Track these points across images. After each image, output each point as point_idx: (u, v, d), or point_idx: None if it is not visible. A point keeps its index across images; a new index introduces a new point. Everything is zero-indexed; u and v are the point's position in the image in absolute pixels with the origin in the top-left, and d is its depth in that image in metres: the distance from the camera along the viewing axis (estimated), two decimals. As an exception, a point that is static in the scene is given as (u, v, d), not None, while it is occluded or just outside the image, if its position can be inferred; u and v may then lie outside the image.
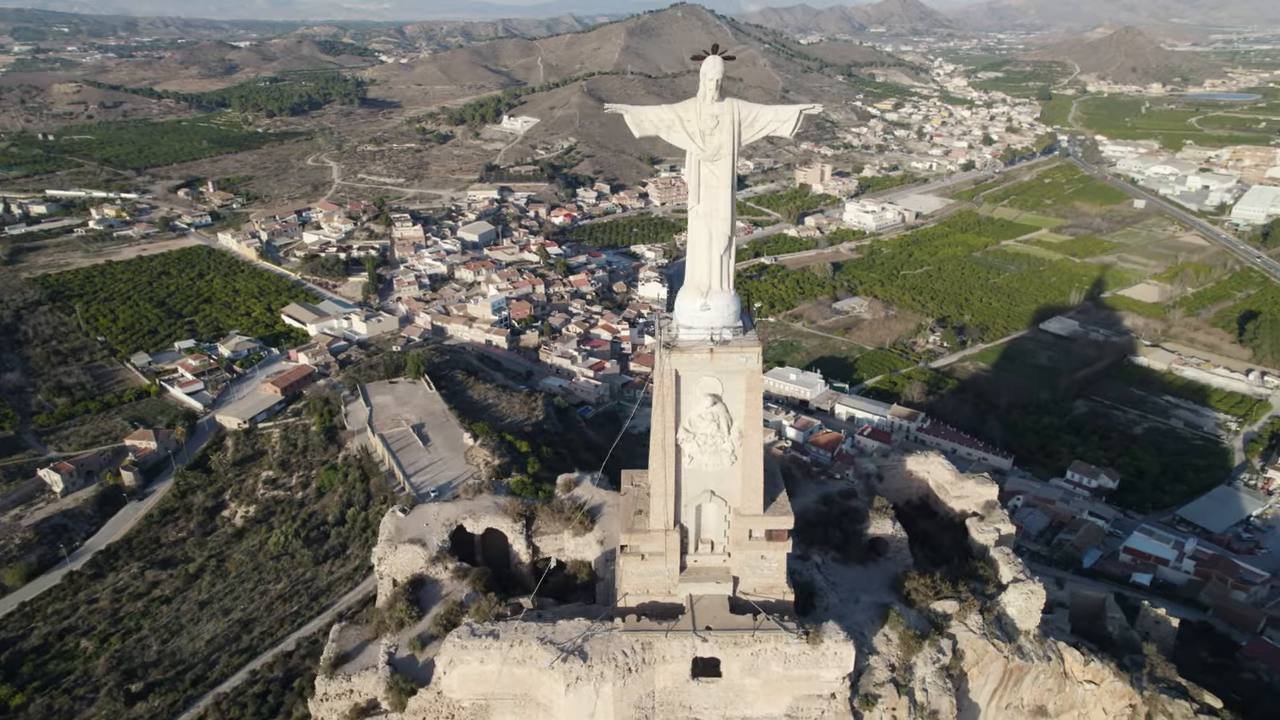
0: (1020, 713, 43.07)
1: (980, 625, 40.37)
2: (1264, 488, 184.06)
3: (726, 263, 33.98)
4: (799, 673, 34.18)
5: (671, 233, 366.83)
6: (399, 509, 46.70)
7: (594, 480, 51.03)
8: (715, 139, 31.94)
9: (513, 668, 33.34)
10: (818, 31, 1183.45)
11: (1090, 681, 45.29)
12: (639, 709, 33.83)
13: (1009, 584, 43.25)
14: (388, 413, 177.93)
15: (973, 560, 46.12)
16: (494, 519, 45.95)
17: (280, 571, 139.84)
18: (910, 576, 41.85)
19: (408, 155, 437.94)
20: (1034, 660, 41.79)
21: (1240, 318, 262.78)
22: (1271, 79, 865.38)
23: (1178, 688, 63.98)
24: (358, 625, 42.86)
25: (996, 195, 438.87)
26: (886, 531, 45.21)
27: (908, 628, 38.81)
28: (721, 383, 33.33)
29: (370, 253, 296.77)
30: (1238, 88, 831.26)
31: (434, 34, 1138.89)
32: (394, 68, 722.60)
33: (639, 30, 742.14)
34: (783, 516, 35.20)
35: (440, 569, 42.58)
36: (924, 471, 53.69)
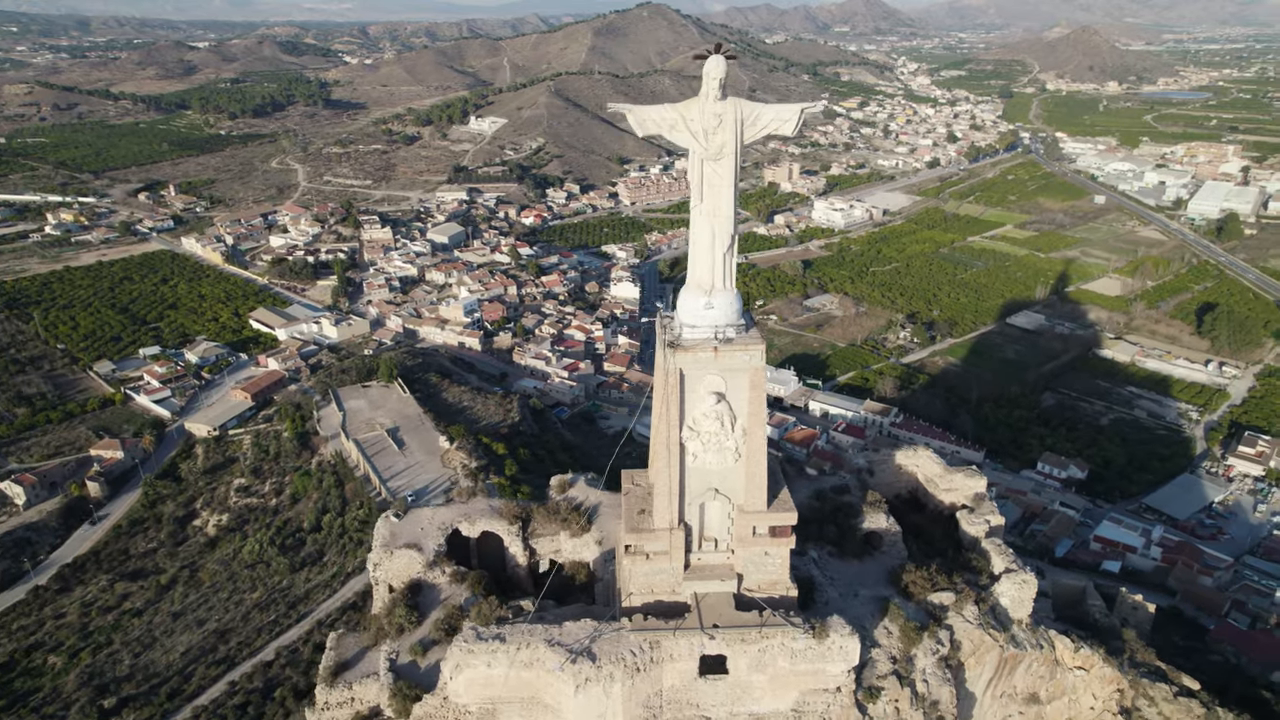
0: (1014, 701, 43.77)
1: (976, 616, 40.99)
2: (1224, 475, 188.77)
3: (729, 261, 34.08)
4: (805, 667, 34.40)
5: (642, 232, 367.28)
6: (393, 514, 46.15)
7: (588, 481, 50.89)
8: (718, 138, 32.00)
9: (520, 671, 33.15)
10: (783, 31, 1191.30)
11: (1080, 668, 46.18)
12: (647, 708, 33.82)
13: (1001, 574, 43.94)
14: (361, 417, 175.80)
15: (964, 552, 46.77)
16: (490, 522, 45.63)
17: (256, 580, 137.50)
18: (908, 569, 42.34)
19: (374, 157, 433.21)
20: (1027, 649, 42.52)
21: (1198, 310, 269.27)
22: (1221, 78, 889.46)
23: (1157, 671, 65.54)
24: (355, 632, 42.31)
25: (962, 192, 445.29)
26: (881, 525, 45.66)
27: (908, 620, 39.28)
28: (725, 381, 33.42)
29: (339, 255, 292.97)
30: (1189, 86, 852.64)
31: (398, 34, 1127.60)
32: (358, 69, 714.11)
33: (605, 30, 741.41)
34: (786, 513, 35.40)
35: (438, 573, 42.18)
36: (913, 465, 54.32)
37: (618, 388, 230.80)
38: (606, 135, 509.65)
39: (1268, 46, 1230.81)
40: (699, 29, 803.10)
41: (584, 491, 49.60)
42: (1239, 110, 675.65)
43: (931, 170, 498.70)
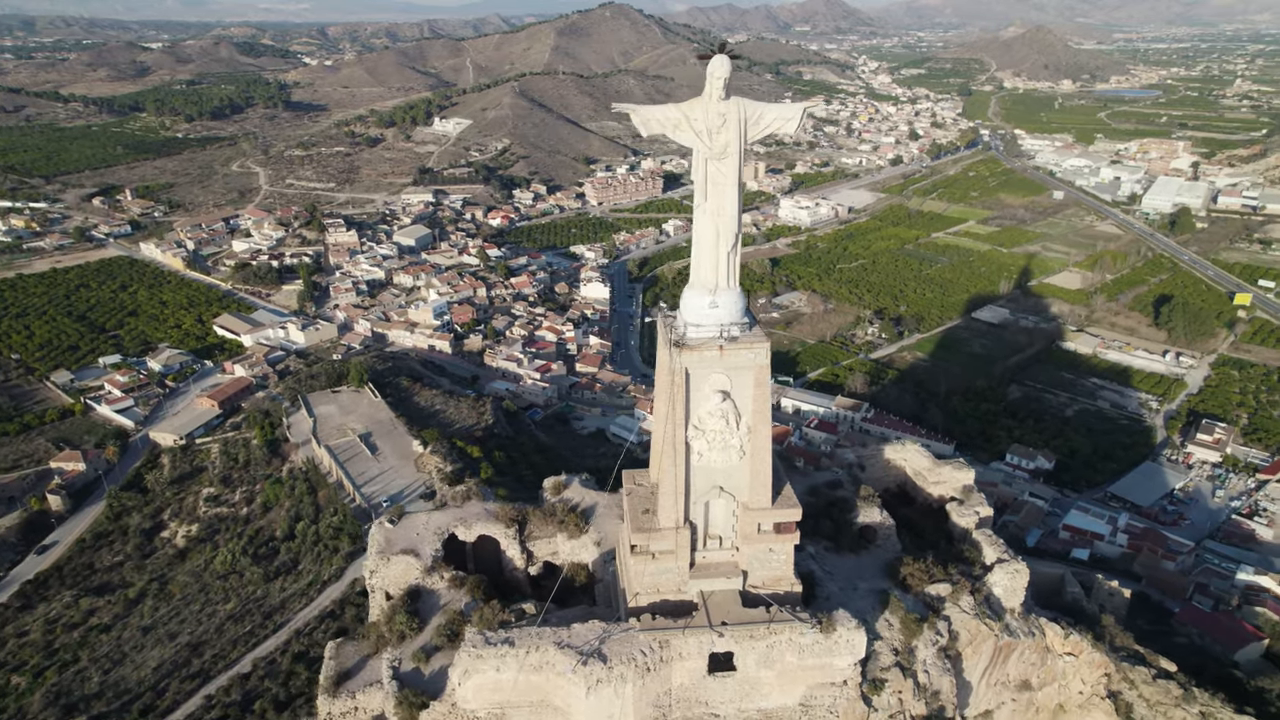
0: (1007, 688, 44.57)
1: (972, 606, 41.68)
2: (1184, 462, 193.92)
3: (733, 260, 34.21)
4: (813, 662, 34.70)
5: (610, 233, 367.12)
6: (387, 520, 45.61)
7: (582, 482, 50.75)
8: (722, 137, 32.11)
9: (529, 674, 32.98)
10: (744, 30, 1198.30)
11: (1069, 654, 47.18)
12: (657, 707, 33.87)
13: (994, 565, 44.71)
14: (332, 423, 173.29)
15: (956, 543, 47.52)
16: (486, 525, 45.30)
17: (229, 591, 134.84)
18: (905, 562, 42.91)
19: (337, 159, 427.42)
20: (1021, 637, 43.34)
21: (1155, 302, 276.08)
22: (1169, 76, 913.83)
23: (1136, 655, 67.15)
24: (354, 640, 41.73)
25: (925, 189, 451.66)
26: (875, 519, 46.20)
27: (908, 612, 39.81)
28: (730, 379, 33.55)
29: (304, 260, 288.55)
30: (1140, 84, 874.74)
31: (358, 35, 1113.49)
32: (318, 70, 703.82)
33: (568, 30, 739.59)
34: (790, 509, 35.67)
35: (436, 578, 41.77)
36: (901, 459, 55.04)
37: (590, 388, 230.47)
38: (572, 135, 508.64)
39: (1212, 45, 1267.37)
40: (662, 29, 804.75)
41: (579, 493, 49.46)
42: (1187, 107, 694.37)
43: (895, 168, 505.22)
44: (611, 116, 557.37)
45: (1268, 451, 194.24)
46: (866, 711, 36.44)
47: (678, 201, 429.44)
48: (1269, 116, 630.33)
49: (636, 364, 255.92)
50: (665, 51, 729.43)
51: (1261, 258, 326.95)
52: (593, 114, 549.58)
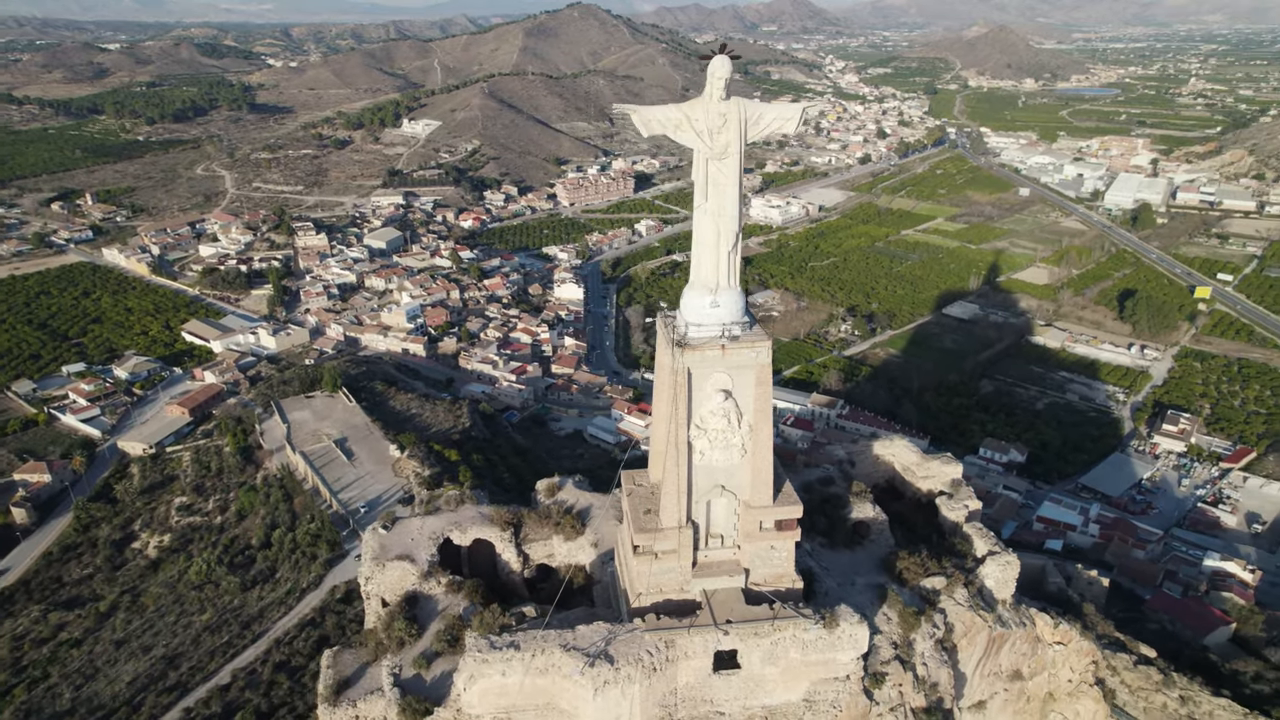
0: (999, 679, 45.27)
1: (966, 598, 42.28)
2: (1151, 452, 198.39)
3: (733, 260, 34.37)
4: (816, 657, 34.99)
5: (582, 233, 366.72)
6: (380, 525, 45.16)
7: (575, 483, 50.66)
8: (723, 137, 32.25)
9: (535, 678, 32.85)
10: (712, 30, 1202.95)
11: (1059, 643, 48.05)
12: (663, 707, 33.93)
13: (985, 557, 45.39)
14: (307, 429, 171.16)
15: (947, 536, 48.17)
16: (481, 529, 45.05)
17: (204, 601, 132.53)
18: (901, 556, 43.41)
19: (305, 162, 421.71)
20: (1013, 627, 44.04)
21: (1119, 296, 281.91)
22: (1127, 75, 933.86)
23: (1116, 642, 68.54)
24: (352, 649, 41.24)
25: (893, 187, 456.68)
26: (868, 515, 46.68)
27: (905, 606, 40.29)
28: (732, 378, 33.71)
29: (273, 264, 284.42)
30: (1099, 83, 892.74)
31: (322, 36, 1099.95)
32: (283, 71, 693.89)
33: (536, 31, 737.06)
34: (791, 506, 35.93)
35: (433, 584, 41.44)
36: (890, 455, 55.67)
37: (567, 389, 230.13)
38: (543, 136, 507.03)
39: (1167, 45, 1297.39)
40: (630, 29, 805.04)
41: (573, 494, 49.38)
42: (1145, 105, 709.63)
43: (864, 166, 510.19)
44: (582, 117, 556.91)
45: (1229, 440, 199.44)
46: (869, 705, 36.81)
47: (649, 202, 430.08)
48: (1223, 114, 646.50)
49: (612, 364, 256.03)
50: (634, 51, 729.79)
51: (1219, 252, 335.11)
52: (562, 114, 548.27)
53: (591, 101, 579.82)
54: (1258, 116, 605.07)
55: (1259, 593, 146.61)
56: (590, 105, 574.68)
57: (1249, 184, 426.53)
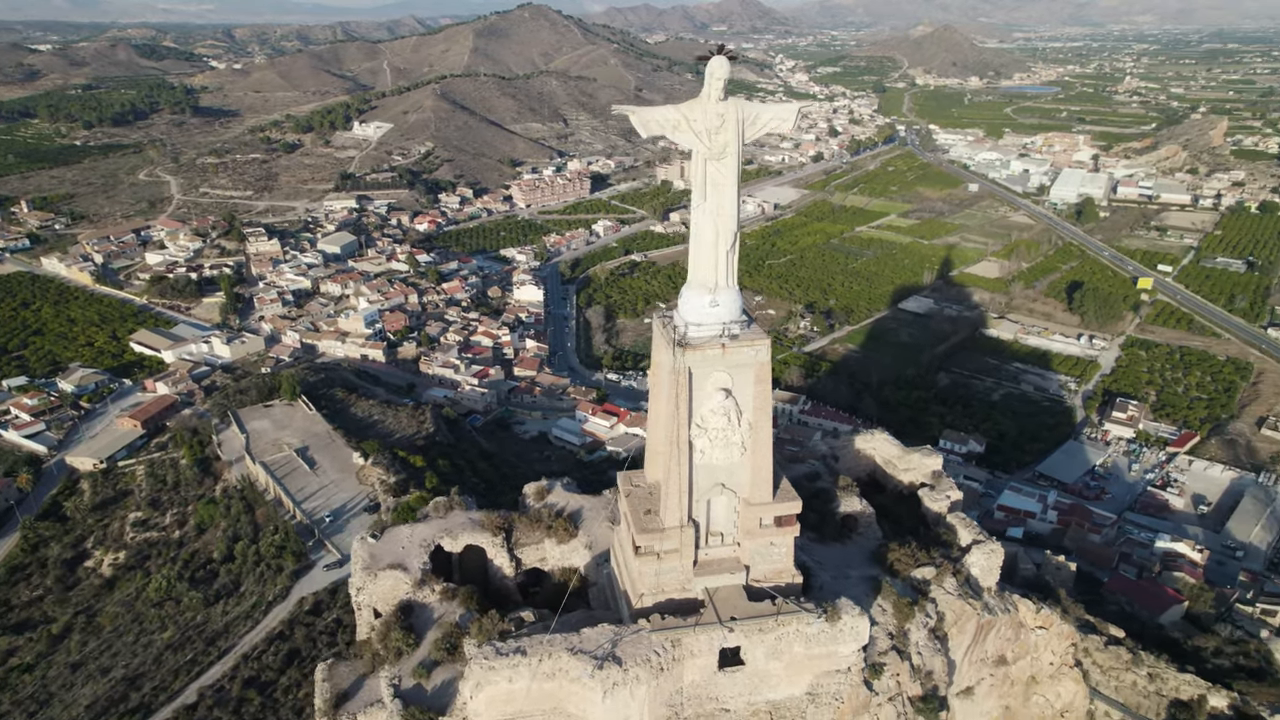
0: (985, 664, 46.32)
1: (955, 587, 43.18)
2: (1102, 439, 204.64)
3: (732, 259, 34.61)
4: (819, 650, 35.41)
5: (540, 235, 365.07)
6: (370, 535, 44.45)
7: (564, 485, 50.47)
8: (721, 137, 32.46)
9: (542, 682, 32.68)
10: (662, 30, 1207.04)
11: (1041, 627, 49.34)
12: (669, 706, 34.03)
13: (970, 546, 46.39)
14: (266, 438, 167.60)
15: (931, 527, 49.13)
16: (472, 535, 44.62)
17: (165, 619, 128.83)
18: (891, 548, 44.14)
19: (254, 166, 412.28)
20: (998, 614, 45.10)
21: (1068, 288, 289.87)
22: (1066, 73, 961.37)
23: (1087, 624, 70.64)
24: (347, 661, 40.51)
25: (846, 184, 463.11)
26: (855, 508, 47.35)
27: (900, 597, 41.00)
28: (732, 376, 33.94)
29: (224, 271, 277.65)
30: (1041, 81, 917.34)
31: (267, 38, 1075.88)
32: (228, 74, 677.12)
33: (487, 32, 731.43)
34: (790, 502, 36.29)
35: (427, 592, 40.95)
36: (870, 449, 56.54)
37: (530, 392, 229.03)
38: (497, 138, 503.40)
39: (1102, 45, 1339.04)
40: (581, 29, 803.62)
41: (563, 497, 49.19)
42: (1084, 103, 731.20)
43: (816, 164, 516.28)
44: (535, 118, 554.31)
45: (1175, 426, 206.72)
46: (869, 696, 37.40)
47: (605, 202, 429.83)
48: (1156, 111, 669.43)
49: (574, 366, 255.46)
50: (586, 52, 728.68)
51: (1159, 244, 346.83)
52: (516, 116, 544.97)
53: (545, 102, 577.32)
54: (1189, 113, 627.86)
55: (1207, 571, 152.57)
56: (544, 106, 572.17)
57: (1183, 178, 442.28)
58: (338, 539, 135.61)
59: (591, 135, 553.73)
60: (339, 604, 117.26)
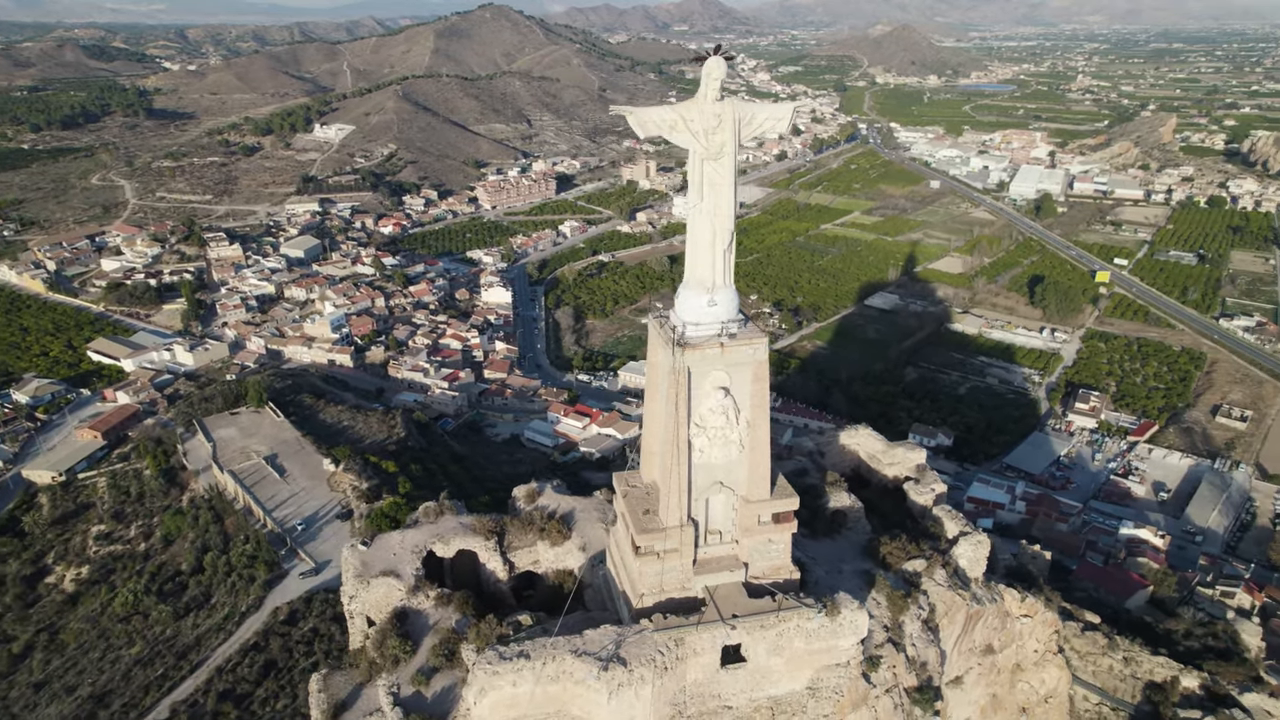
0: (974, 654, 47.15)
1: (945, 578, 43.87)
2: (1066, 430, 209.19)
3: (728, 259, 34.83)
4: (819, 645, 35.75)
5: (506, 236, 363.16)
6: (359, 542, 43.89)
7: (554, 488, 50.32)
8: (718, 137, 32.63)
9: (546, 685, 32.56)
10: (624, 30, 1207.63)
11: (1025, 616, 50.35)
12: (673, 705, 34.12)
13: (958, 537, 47.15)
14: (234, 446, 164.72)
15: (918, 520, 49.86)
16: (465, 540, 44.28)
17: (133, 634, 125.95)
18: (883, 541, 44.70)
19: (213, 170, 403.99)
20: (986, 603, 45.93)
21: (1029, 282, 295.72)
22: (1021, 72, 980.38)
23: (1064, 611, 72.19)
24: (342, 670, 39.96)
25: (810, 183, 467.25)
26: (844, 504, 47.86)
27: (893, 589, 41.56)
28: (730, 375, 34.13)
29: (185, 277, 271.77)
30: (997, 79, 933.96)
31: (222, 38, 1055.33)
32: (182, 75, 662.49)
33: (448, 32, 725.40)
34: (788, 499, 36.58)
35: (422, 598, 40.55)
36: (855, 444, 57.19)
37: (501, 394, 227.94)
38: (460, 139, 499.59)
39: (1055, 44, 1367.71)
40: (543, 30, 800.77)
41: (554, 499, 49.05)
42: (1039, 101, 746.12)
43: (780, 163, 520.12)
44: (499, 118, 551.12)
45: (1134, 416, 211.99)
46: (867, 689, 37.86)
47: (572, 203, 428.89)
48: (1108, 109, 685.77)
49: (545, 367, 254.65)
50: (549, 52, 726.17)
51: (1114, 238, 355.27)
52: (479, 116, 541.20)
53: (508, 103, 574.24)
54: (1139, 111, 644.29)
55: (1169, 556, 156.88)
56: (507, 107, 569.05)
57: (1136, 174, 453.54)
58: (311, 547, 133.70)
59: (556, 136, 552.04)
60: (314, 613, 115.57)
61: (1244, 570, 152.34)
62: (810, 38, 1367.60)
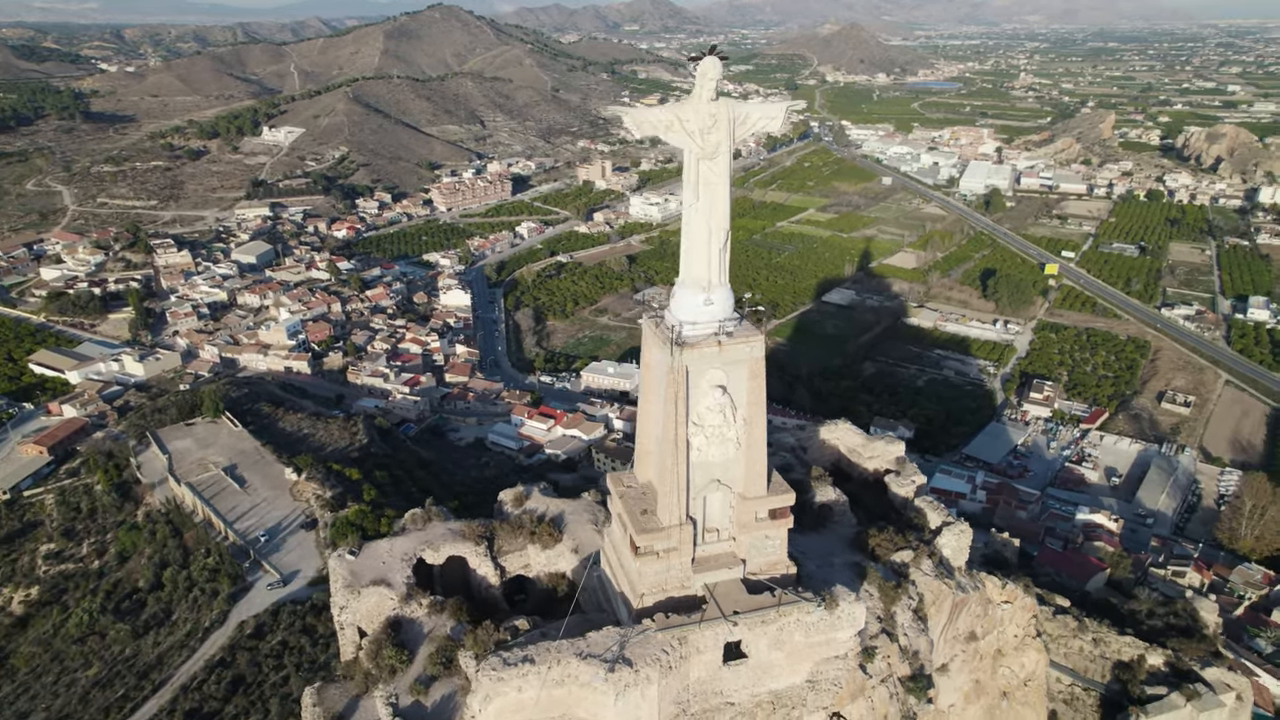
0: (958, 641, 48.16)
1: (932, 568, 44.73)
2: (1022, 419, 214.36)
3: (724, 257, 35.02)
4: (819, 638, 36.15)
5: (463, 238, 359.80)
6: (347, 552, 43.11)
7: (541, 490, 50.06)
8: (714, 137, 32.76)
9: (551, 689, 32.37)
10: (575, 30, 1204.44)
11: (1006, 602, 51.57)
12: (677, 704, 34.21)
13: (941, 528, 48.08)
14: (191, 458, 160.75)
15: (900, 511, 50.74)
16: (454, 545, 43.80)
17: (89, 655, 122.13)
18: (872, 534, 45.36)
19: (157, 174, 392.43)
20: (970, 591, 46.94)
21: (981, 275, 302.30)
22: (967, 70, 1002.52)
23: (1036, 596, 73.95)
24: (336, 683, 39.18)
25: (765, 180, 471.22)
26: (830, 498, 48.47)
27: (884, 580, 42.20)
28: (727, 373, 34.32)
29: (132, 285, 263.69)
30: (943, 77, 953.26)
31: (160, 39, 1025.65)
32: (120, 77, 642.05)
33: (397, 33, 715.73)
34: (784, 495, 36.91)
35: (414, 606, 40.00)
36: (835, 439, 57.94)
37: (463, 398, 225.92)
38: (413, 141, 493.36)
39: (998, 42, 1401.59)
40: (494, 30, 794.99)
41: (541, 502, 48.78)
42: (985, 98, 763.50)
43: (735, 161, 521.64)
44: (452, 120, 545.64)
45: (1086, 404, 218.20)
46: (864, 679, 38.40)
47: (528, 203, 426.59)
48: (1051, 106, 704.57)
49: (507, 369, 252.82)
50: (500, 53, 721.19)
51: (1061, 231, 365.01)
52: (432, 118, 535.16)
53: (461, 104, 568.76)
54: (1080, 108, 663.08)
55: (1123, 539, 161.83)
56: (460, 108, 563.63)
57: (1079, 169, 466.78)
58: (276, 558, 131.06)
59: (510, 136, 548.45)
60: (283, 625, 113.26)
61: (1193, 550, 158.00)
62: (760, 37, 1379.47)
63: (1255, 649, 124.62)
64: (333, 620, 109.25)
